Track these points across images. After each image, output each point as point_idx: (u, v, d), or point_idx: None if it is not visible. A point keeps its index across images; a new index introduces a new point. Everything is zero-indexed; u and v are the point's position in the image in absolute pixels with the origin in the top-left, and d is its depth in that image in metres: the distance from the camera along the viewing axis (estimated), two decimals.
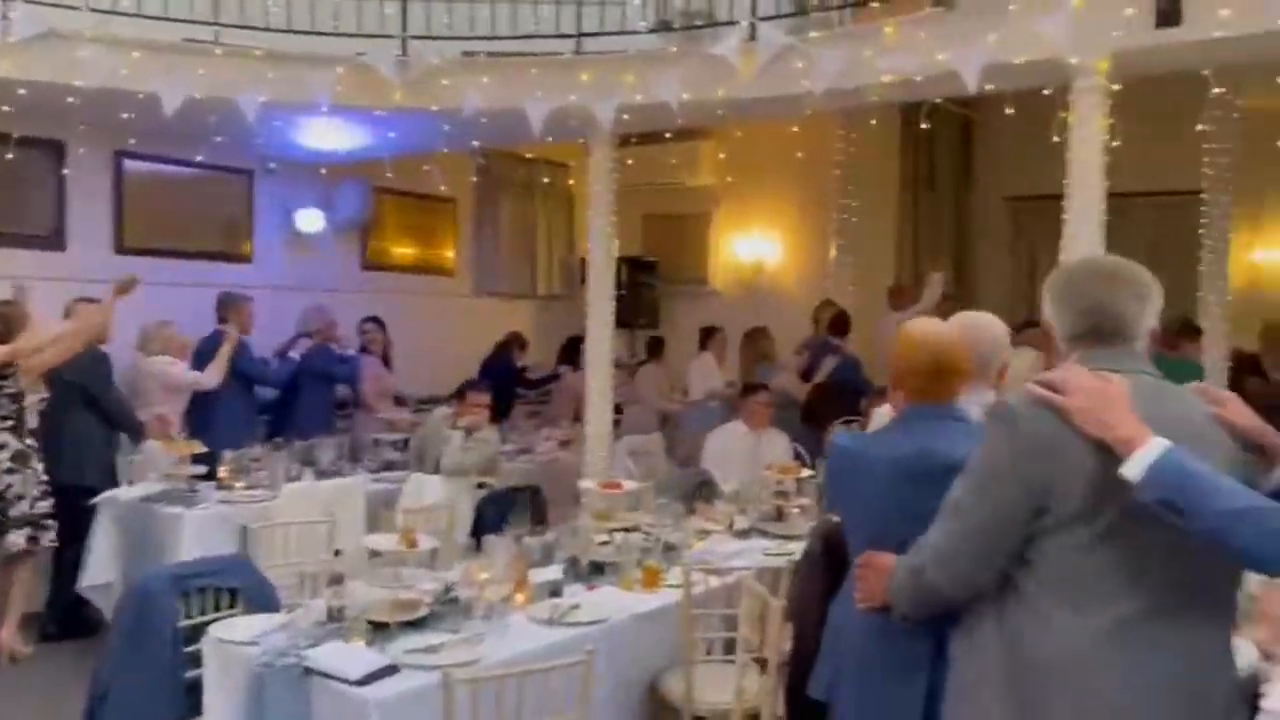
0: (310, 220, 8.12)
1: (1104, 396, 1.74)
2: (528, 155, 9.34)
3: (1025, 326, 7.46)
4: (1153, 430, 1.69)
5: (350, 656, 2.91)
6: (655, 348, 8.62)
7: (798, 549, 3.93)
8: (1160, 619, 1.75)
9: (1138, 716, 1.75)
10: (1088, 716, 1.76)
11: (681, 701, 3.64)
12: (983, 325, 2.68)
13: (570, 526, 4.38)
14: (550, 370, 8.75)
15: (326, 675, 2.83)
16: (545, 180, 9.57)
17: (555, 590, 3.69)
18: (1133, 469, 1.67)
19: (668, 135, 6.87)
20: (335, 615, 3.15)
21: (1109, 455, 1.71)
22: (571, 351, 8.30)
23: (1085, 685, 1.75)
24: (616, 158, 6.32)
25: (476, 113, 5.95)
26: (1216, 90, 5.23)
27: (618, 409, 8.67)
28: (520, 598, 3.55)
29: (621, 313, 8.96)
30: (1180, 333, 6.68)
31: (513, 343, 8.67)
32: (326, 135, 6.87)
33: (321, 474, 5.64)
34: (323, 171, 7.80)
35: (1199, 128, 5.30)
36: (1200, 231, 7.31)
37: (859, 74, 5.18)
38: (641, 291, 9.54)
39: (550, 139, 6.78)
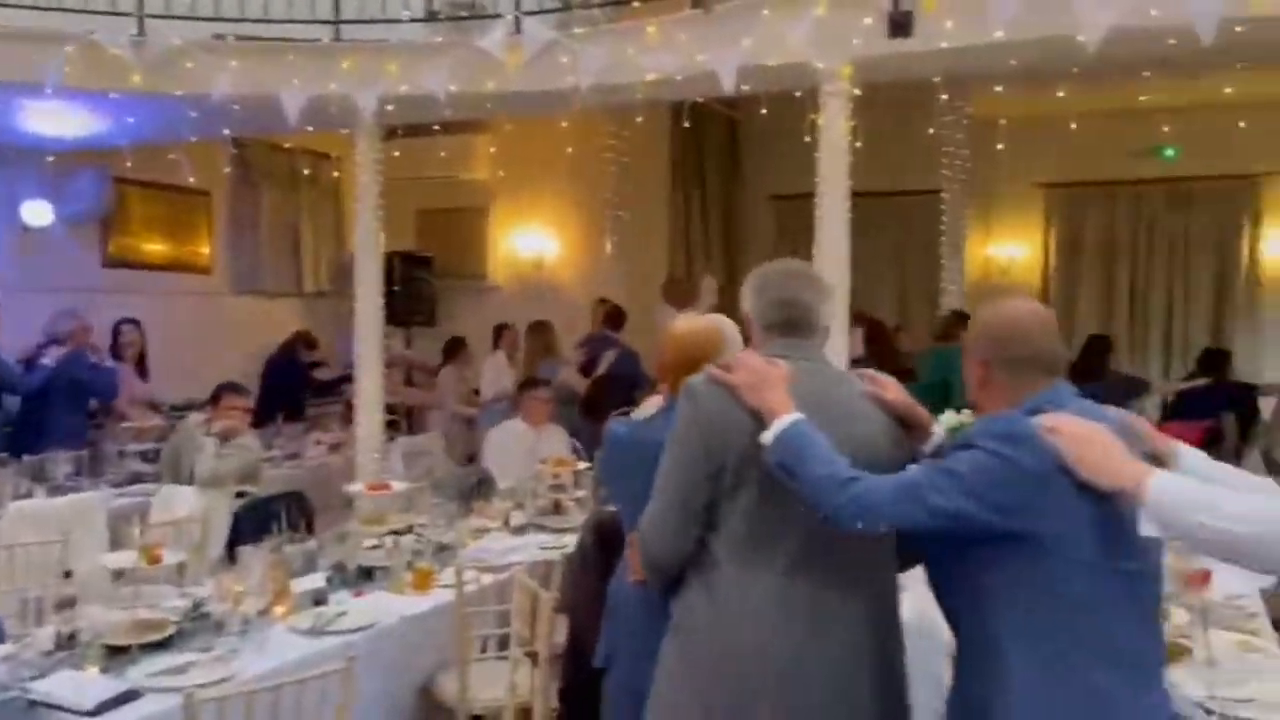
0: (38, 213, 7.39)
1: (765, 376, 1.99)
2: (286, 145, 8.89)
3: None
4: (808, 409, 1.94)
5: (83, 685, 2.68)
6: (453, 349, 8.35)
7: (574, 542, 3.97)
8: (816, 565, 2.00)
9: (809, 658, 1.99)
10: (766, 658, 1.99)
11: (455, 701, 3.60)
12: (729, 322, 2.85)
13: (336, 532, 4.21)
14: (341, 372, 8.35)
15: (56, 707, 2.59)
16: (306, 172, 9.14)
17: (319, 599, 3.55)
18: (767, 435, 1.94)
19: (436, 128, 6.73)
20: (65, 642, 2.89)
21: (763, 426, 1.96)
22: (451, 351, 8.04)
23: (761, 631, 2.00)
24: (383, 149, 6.14)
25: (226, 99, 5.62)
26: (943, 97, 5.66)
27: (403, 411, 8.49)
28: (280, 609, 3.39)
29: (396, 309, 8.81)
30: (954, 324, 7.25)
31: (297, 342, 8.23)
32: (55, 119, 6.27)
33: (56, 490, 5.16)
34: (50, 159, 7.11)
35: (930, 131, 5.72)
36: (940, 228, 7.97)
37: (623, 71, 5.28)
38: (417, 287, 9.32)
39: (310, 129, 6.49)
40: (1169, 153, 8.50)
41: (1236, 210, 8.61)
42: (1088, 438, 1.75)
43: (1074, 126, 6.82)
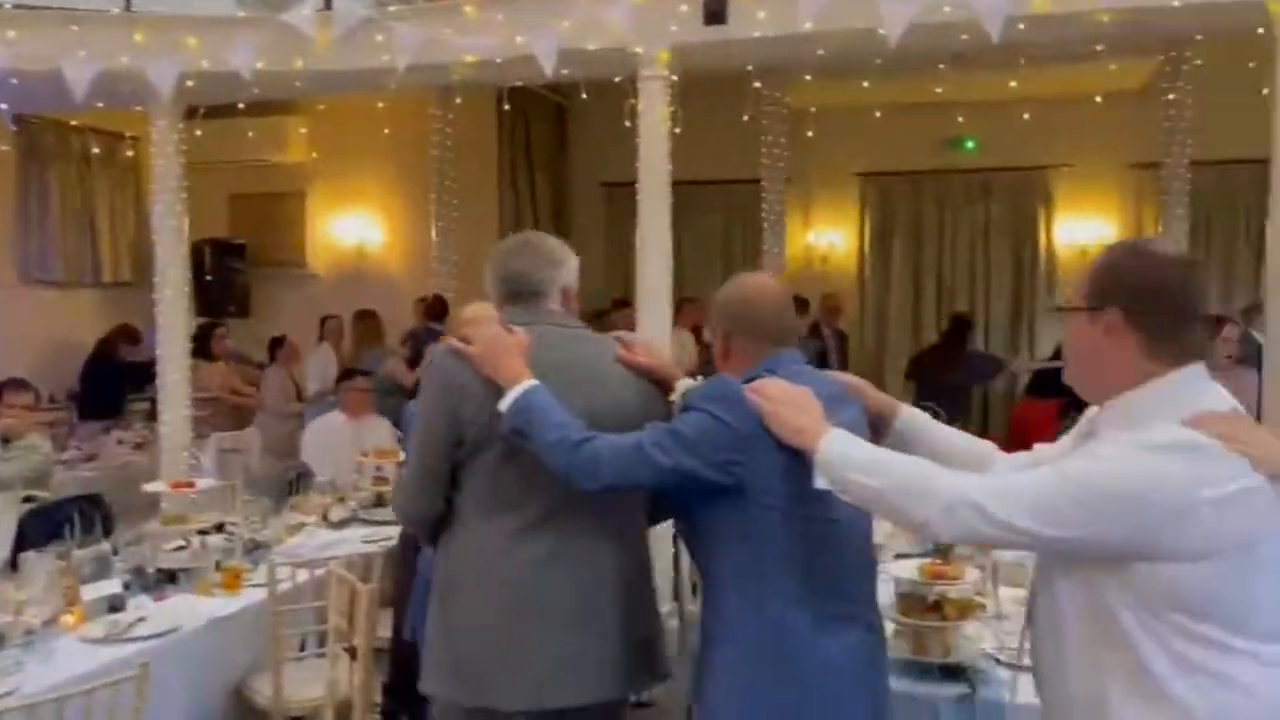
0: None
1: (501, 345, 2.13)
2: (75, 123, 8.24)
3: (618, 307, 8.07)
4: (548, 374, 2.09)
5: None
6: (276, 347, 7.91)
7: (398, 534, 3.88)
8: (554, 522, 2.16)
9: (542, 600, 2.16)
10: (505, 601, 2.16)
11: (270, 703, 3.46)
12: None
13: (134, 534, 3.97)
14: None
15: None
16: (96, 152, 8.48)
17: (116, 605, 3.34)
18: (503, 403, 2.08)
19: (241, 107, 6.40)
20: None
21: (499, 393, 2.10)
22: (277, 348, 7.61)
23: (496, 576, 2.17)
24: (185, 130, 5.79)
25: (3, 73, 5.16)
26: (757, 84, 5.82)
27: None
28: (70, 618, 3.17)
29: (207, 299, 8.39)
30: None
31: (118, 337, 7.65)
32: None
33: None
34: None
35: (744, 118, 5.87)
36: (761, 216, 8.20)
37: (440, 51, 5.16)
38: (230, 276, 8.87)
39: (100, 105, 6.06)
40: (970, 145, 9.02)
41: (1031, 200, 9.22)
42: (784, 399, 1.90)
43: (878, 115, 7.15)
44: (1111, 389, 1.68)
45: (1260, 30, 4.52)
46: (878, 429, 2.11)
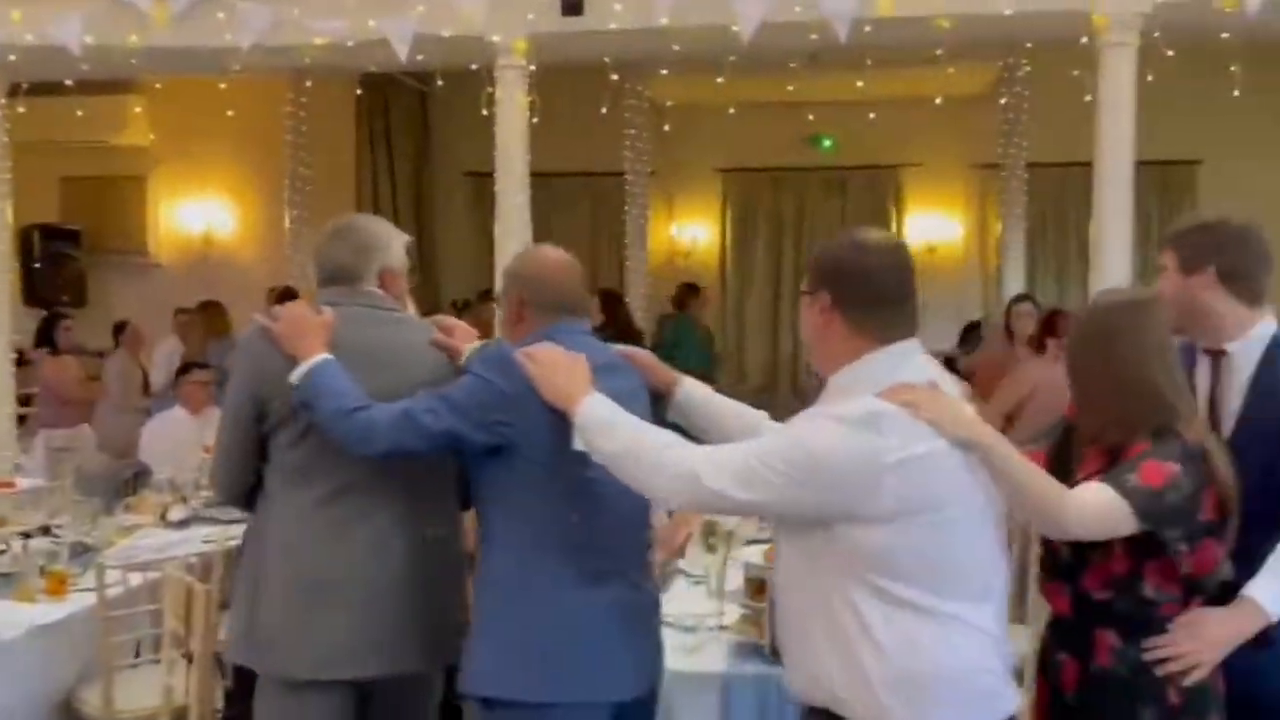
0: None
1: (304, 325, 2.20)
2: None
3: (484, 299, 7.97)
4: (350, 353, 2.17)
5: None
6: (119, 332, 7.34)
7: (242, 533, 3.74)
8: (351, 497, 2.23)
9: (335, 571, 2.21)
10: (301, 571, 2.22)
11: (100, 713, 3.29)
12: None
13: None
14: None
15: None
16: None
17: None
18: (294, 376, 2.16)
19: (69, 84, 6.02)
20: None
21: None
22: (120, 335, 7.09)
23: (294, 547, 2.23)
24: (6, 107, 5.41)
25: None
26: (614, 77, 5.85)
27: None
28: None
29: (37, 288, 7.88)
30: (685, 294, 8.21)
31: None
32: None
33: None
34: None
35: (602, 111, 5.90)
36: (624, 209, 8.25)
37: (287, 33, 5.00)
38: (62, 264, 8.35)
39: None
40: (827, 143, 9.30)
41: (883, 197, 9.57)
42: (553, 364, 1.99)
43: (732, 112, 7.28)
44: (833, 365, 1.81)
45: (1084, 40, 4.82)
46: (661, 401, 2.24)
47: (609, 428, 1.89)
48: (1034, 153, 7.44)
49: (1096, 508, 1.79)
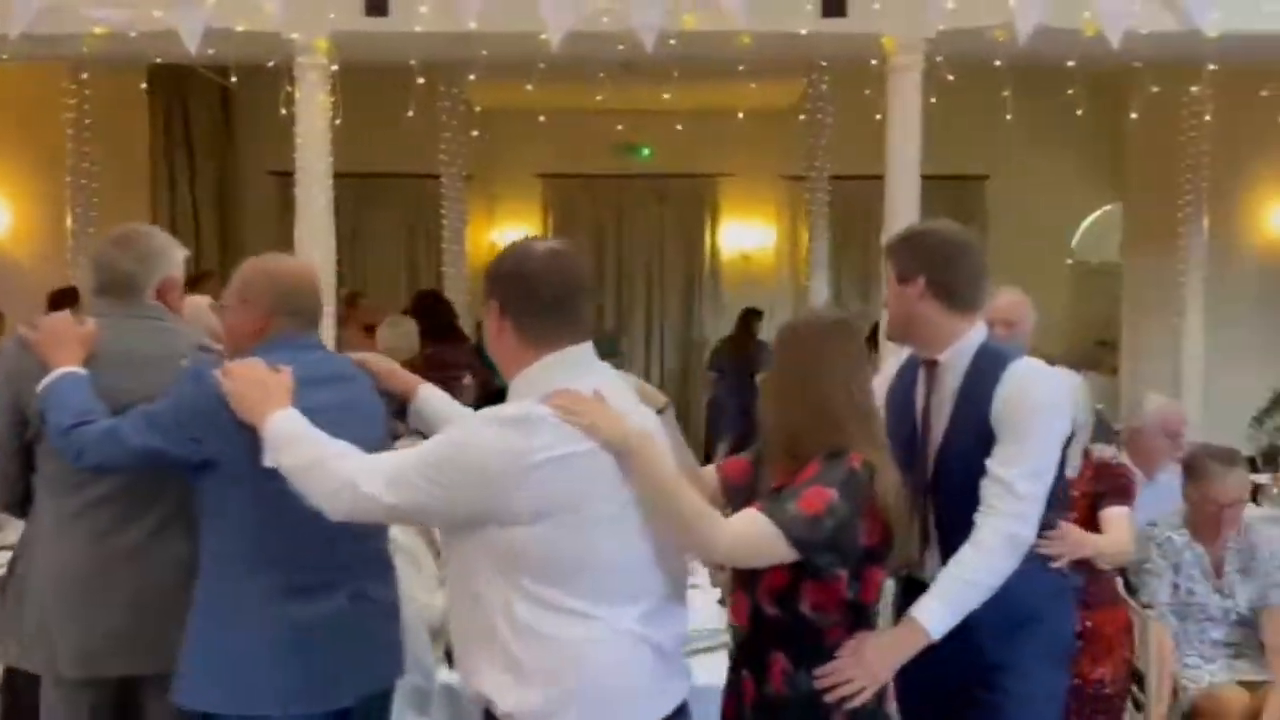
0: None
1: (57, 334, 2.23)
2: None
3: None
4: (110, 362, 2.22)
5: None
6: None
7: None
8: (111, 507, 2.26)
9: (90, 579, 2.25)
10: (64, 574, 2.26)
11: None
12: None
13: None
14: None
15: None
16: None
17: None
18: (40, 386, 2.16)
19: None
20: None
21: None
22: None
23: (52, 552, 2.29)
24: None
25: None
26: (420, 80, 5.74)
27: None
28: None
29: None
30: None
31: None
32: None
33: None
34: None
35: (409, 113, 5.77)
36: (441, 212, 8.09)
37: (63, 21, 4.64)
38: None
39: None
40: (645, 152, 9.44)
41: (700, 206, 9.80)
42: (249, 380, 1.99)
43: (543, 120, 7.29)
44: (510, 370, 1.83)
45: (874, 62, 5.07)
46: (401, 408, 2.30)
47: (293, 442, 1.89)
48: (837, 166, 7.77)
49: (748, 538, 1.82)
